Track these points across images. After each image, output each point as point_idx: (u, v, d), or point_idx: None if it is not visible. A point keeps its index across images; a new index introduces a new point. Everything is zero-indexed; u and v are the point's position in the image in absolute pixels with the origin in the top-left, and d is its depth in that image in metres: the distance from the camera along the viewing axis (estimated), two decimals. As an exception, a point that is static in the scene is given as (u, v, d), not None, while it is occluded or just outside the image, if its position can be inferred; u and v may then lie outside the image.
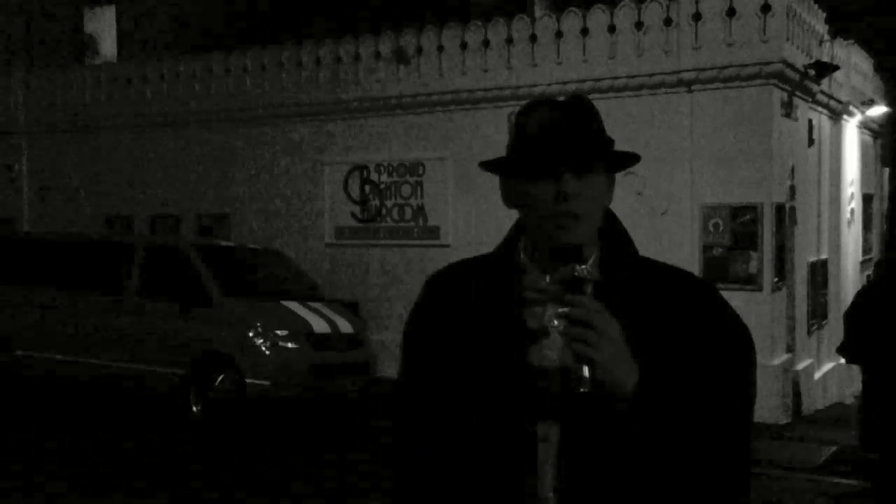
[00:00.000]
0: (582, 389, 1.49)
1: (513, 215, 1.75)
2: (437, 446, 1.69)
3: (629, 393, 1.52)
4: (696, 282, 1.75)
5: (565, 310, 1.53)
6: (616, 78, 11.05)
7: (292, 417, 9.70)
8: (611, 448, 1.56)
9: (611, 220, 1.75)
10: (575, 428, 1.58)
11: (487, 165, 1.74)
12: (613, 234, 1.73)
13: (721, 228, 10.46)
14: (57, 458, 8.09)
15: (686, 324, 1.63)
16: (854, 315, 6.12)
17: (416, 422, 1.75)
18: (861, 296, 6.38)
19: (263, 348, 9.48)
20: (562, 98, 1.73)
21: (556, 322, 1.57)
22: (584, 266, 1.57)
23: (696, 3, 10.59)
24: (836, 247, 12.99)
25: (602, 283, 1.65)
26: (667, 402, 1.54)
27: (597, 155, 1.64)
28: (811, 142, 11.89)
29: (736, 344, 1.68)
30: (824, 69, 11.15)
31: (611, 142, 1.68)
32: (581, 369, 1.50)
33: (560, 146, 1.61)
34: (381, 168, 12.83)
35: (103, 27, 20.10)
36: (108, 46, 20.06)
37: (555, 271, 1.60)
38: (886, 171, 17.21)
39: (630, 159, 1.70)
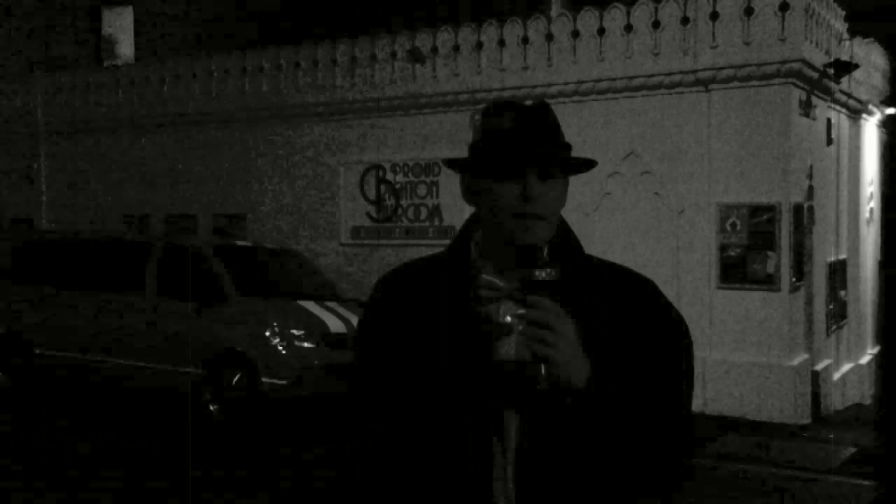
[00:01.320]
0: (539, 387, 1.58)
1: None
2: (393, 442, 1.73)
3: (580, 388, 1.62)
4: (637, 278, 1.83)
5: (523, 310, 1.59)
6: (632, 77, 11.00)
7: (308, 417, 9.71)
8: (566, 439, 1.64)
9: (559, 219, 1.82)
10: (533, 421, 1.65)
11: (451, 163, 1.79)
12: (563, 233, 1.80)
13: (738, 228, 10.39)
14: (73, 458, 8.14)
15: (630, 318, 1.73)
16: None
17: (368, 419, 1.78)
18: None
19: (279, 347, 9.50)
20: (528, 102, 1.78)
21: (514, 321, 1.63)
22: (543, 269, 1.62)
23: (714, 1, 10.53)
24: (855, 247, 12.88)
25: (556, 283, 1.70)
26: (613, 395, 1.64)
27: (562, 159, 1.72)
28: (830, 141, 11.80)
29: (674, 335, 1.79)
30: (843, 68, 11.07)
31: (569, 147, 1.76)
32: (539, 368, 1.58)
33: (528, 148, 1.68)
34: (397, 168, 12.83)
35: (120, 28, 20.21)
36: (126, 47, 20.17)
37: (514, 270, 1.64)
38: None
39: (587, 165, 1.77)
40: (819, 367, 11.11)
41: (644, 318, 1.75)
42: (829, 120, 11.70)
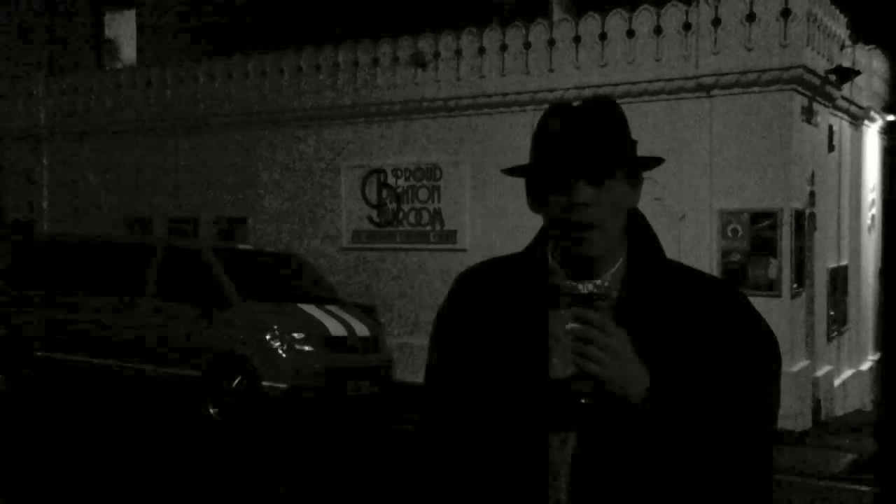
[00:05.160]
0: (583, 401, 1.54)
1: (528, 219, 1.75)
2: (460, 445, 1.70)
3: (637, 403, 1.54)
4: (722, 287, 1.72)
5: (573, 325, 1.54)
6: (634, 83, 11.01)
7: (308, 420, 9.71)
8: (622, 458, 1.56)
9: (637, 221, 1.73)
10: (587, 438, 1.58)
11: (509, 171, 1.73)
12: (640, 238, 1.72)
13: (740, 234, 10.40)
14: (71, 457, 8.14)
15: (711, 332, 1.61)
16: None
17: (441, 419, 1.76)
18: None
19: (280, 351, 9.50)
20: (578, 102, 1.70)
21: (565, 335, 1.57)
22: (593, 281, 1.56)
23: (716, 7, 10.54)
24: (856, 253, 12.88)
25: (625, 290, 1.65)
26: (678, 413, 1.54)
27: (609, 164, 1.61)
28: (831, 147, 11.81)
29: (760, 355, 1.65)
30: (845, 74, 11.07)
31: (632, 145, 1.67)
32: (584, 383, 1.54)
33: (571, 157, 1.60)
34: (399, 172, 12.83)
35: (123, 31, 20.23)
36: (128, 50, 20.19)
37: (566, 283, 1.58)
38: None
39: (652, 161, 1.69)
40: (820, 373, 11.10)
41: (727, 331, 1.62)
42: (830, 126, 11.71)
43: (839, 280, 12.24)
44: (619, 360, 1.52)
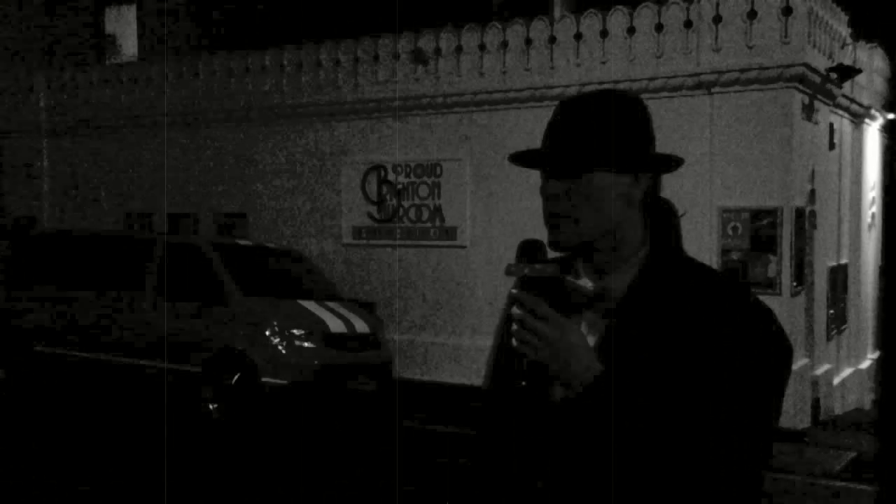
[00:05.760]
0: (523, 383, 1.54)
1: (527, 216, 1.75)
2: (490, 441, 1.77)
3: (579, 391, 1.52)
4: (738, 296, 1.62)
5: (514, 310, 1.54)
6: (635, 80, 11.00)
7: (307, 417, 9.71)
8: (574, 447, 1.57)
9: (661, 218, 1.72)
10: (553, 426, 1.60)
11: (512, 158, 1.74)
12: (658, 235, 1.70)
13: (740, 232, 10.39)
14: (69, 455, 8.14)
15: (712, 337, 1.53)
16: None
17: (484, 417, 1.83)
18: None
19: (280, 347, 9.50)
20: (572, 96, 1.74)
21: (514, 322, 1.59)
22: (531, 265, 1.56)
23: (717, 5, 10.53)
24: (856, 251, 12.87)
25: (632, 290, 1.63)
26: (626, 407, 1.49)
27: (570, 160, 1.61)
28: (832, 145, 11.80)
29: (763, 363, 1.56)
30: (846, 73, 11.06)
31: (623, 137, 1.68)
32: (520, 365, 1.54)
33: (542, 150, 1.66)
34: (399, 168, 12.83)
35: (124, 27, 20.21)
36: (129, 46, 20.17)
37: (514, 266, 1.59)
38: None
39: (649, 160, 1.71)
40: (819, 371, 11.10)
41: (731, 336, 1.53)
42: (831, 124, 11.70)
43: (839, 278, 12.24)
44: (552, 344, 1.51)
